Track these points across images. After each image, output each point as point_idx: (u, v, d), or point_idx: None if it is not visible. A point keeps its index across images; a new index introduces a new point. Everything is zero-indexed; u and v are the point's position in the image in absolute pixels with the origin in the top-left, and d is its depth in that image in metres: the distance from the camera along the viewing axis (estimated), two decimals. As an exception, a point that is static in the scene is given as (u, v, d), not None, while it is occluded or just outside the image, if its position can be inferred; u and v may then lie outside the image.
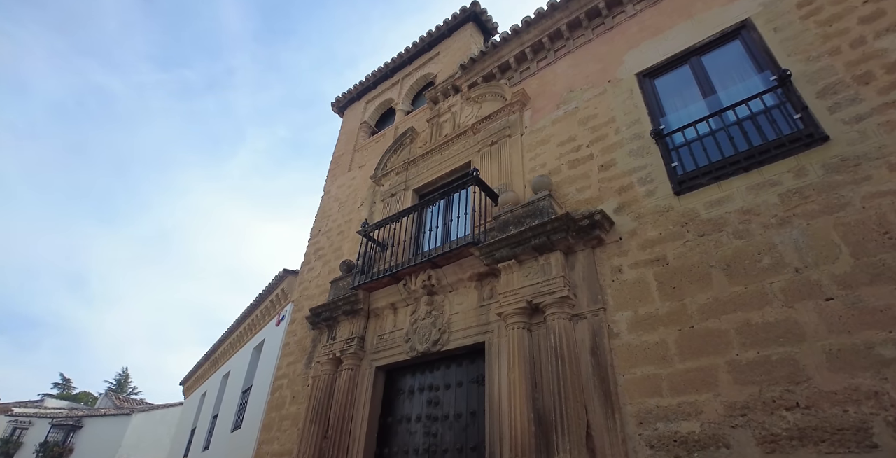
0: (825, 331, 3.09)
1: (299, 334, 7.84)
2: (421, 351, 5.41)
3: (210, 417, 12.55)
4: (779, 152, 3.90)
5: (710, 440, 3.18)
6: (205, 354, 15.59)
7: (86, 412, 25.58)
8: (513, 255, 4.70)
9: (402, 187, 7.58)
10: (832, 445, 2.79)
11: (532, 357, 4.28)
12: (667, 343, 3.66)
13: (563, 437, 3.59)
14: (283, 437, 6.79)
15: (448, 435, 4.87)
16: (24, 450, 22.62)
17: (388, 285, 6.14)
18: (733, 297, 3.53)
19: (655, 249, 4.14)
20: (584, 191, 5.01)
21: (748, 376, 3.22)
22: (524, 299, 4.45)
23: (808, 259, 3.36)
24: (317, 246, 8.91)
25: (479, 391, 4.81)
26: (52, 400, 30.69)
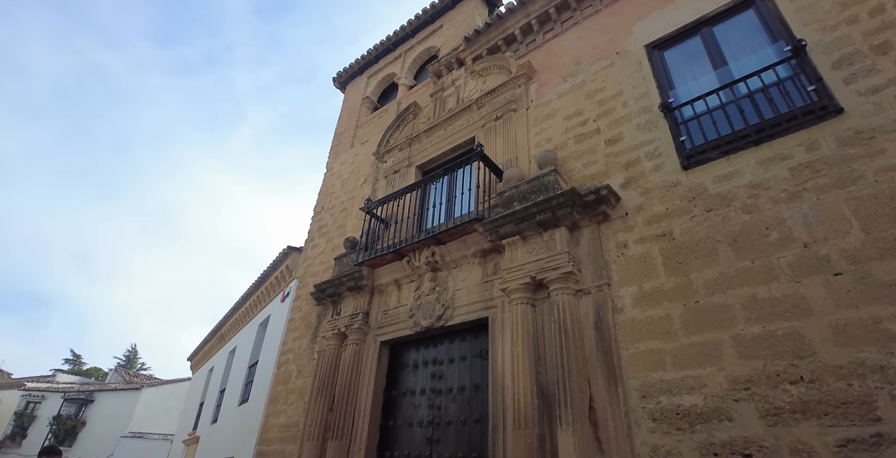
0: (832, 306, 3.07)
1: (304, 309, 7.91)
2: (425, 326, 5.44)
3: (217, 391, 12.79)
4: (791, 125, 3.81)
5: (713, 414, 3.20)
6: (211, 330, 15.79)
7: (97, 387, 26.13)
8: (517, 231, 4.67)
9: (405, 164, 7.51)
10: (835, 418, 2.80)
11: (535, 332, 4.30)
12: (671, 318, 3.65)
13: (566, 409, 3.63)
14: (289, 410, 6.92)
15: (452, 407, 4.94)
16: (39, 423, 23.19)
17: (392, 262, 6.15)
18: (740, 272, 3.51)
19: (662, 224, 4.09)
20: (591, 166, 4.94)
21: (753, 351, 3.22)
22: (528, 275, 4.44)
23: (818, 234, 3.32)
24: (320, 223, 8.90)
25: (482, 365, 4.86)
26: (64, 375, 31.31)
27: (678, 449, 3.23)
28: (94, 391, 24.51)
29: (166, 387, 24.55)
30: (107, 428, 21.93)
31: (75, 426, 22.61)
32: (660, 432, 3.36)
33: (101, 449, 21.31)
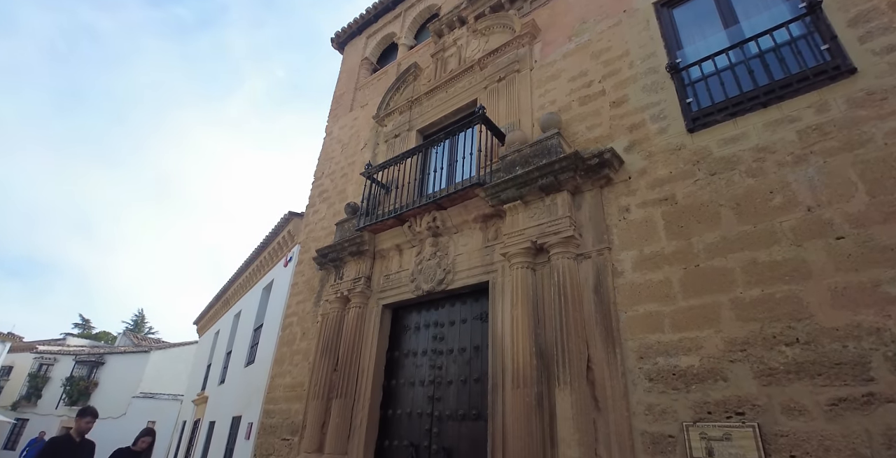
0: (832, 269, 3.07)
1: (307, 274, 7.98)
2: (426, 290, 5.50)
3: (224, 353, 13.11)
4: (801, 86, 3.71)
5: (709, 374, 3.27)
6: (216, 294, 16.02)
7: (106, 350, 26.82)
8: (519, 196, 4.64)
9: (405, 128, 7.39)
10: (828, 378, 2.86)
11: (535, 295, 4.34)
12: (671, 281, 3.68)
13: (564, 369, 3.71)
14: (294, 370, 7.10)
15: (453, 368, 5.06)
16: (52, 384, 23.91)
17: (393, 227, 6.15)
18: (741, 236, 3.50)
19: (665, 188, 4.06)
20: (595, 129, 4.85)
21: (750, 313, 3.25)
22: (529, 240, 4.44)
23: (822, 198, 3.29)
24: (321, 189, 8.86)
25: (482, 328, 4.94)
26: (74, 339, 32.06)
27: (673, 408, 3.32)
28: (104, 353, 25.15)
29: (174, 350, 25.17)
30: (118, 389, 22.64)
31: (88, 386, 23.32)
32: (656, 391, 3.44)
33: (113, 408, 22.06)
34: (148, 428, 5.76)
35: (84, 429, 4.75)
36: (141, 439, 5.60)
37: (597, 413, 3.60)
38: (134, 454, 5.40)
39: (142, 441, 5.52)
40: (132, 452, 5.41)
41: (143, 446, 5.43)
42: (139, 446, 5.49)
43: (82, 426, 4.76)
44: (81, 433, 4.76)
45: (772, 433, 2.91)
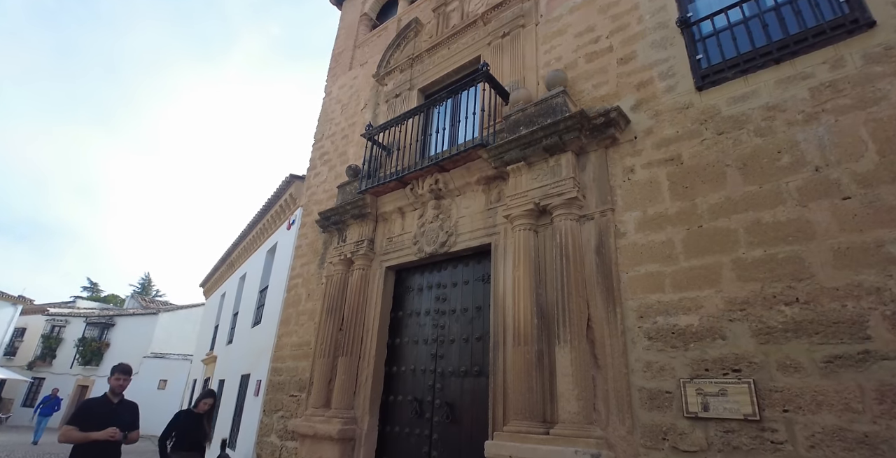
0: (836, 230, 3.06)
1: (310, 237, 8.02)
2: (429, 252, 5.53)
3: (231, 314, 13.38)
4: (817, 41, 3.57)
5: (707, 333, 3.32)
6: (221, 257, 16.19)
7: (116, 312, 27.40)
8: (522, 157, 4.57)
9: (406, 87, 7.22)
10: (825, 336, 2.90)
11: (537, 257, 4.36)
12: (673, 242, 3.68)
13: (564, 328, 3.78)
14: (300, 330, 7.25)
15: (455, 327, 5.16)
16: (65, 345, 24.60)
17: (395, 190, 6.12)
18: (746, 196, 3.47)
19: (671, 148, 3.99)
20: (601, 87, 4.73)
21: (752, 274, 3.26)
22: (532, 202, 4.42)
23: (831, 157, 3.23)
24: (321, 151, 8.76)
25: (484, 289, 5.00)
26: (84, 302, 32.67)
27: (671, 365, 3.40)
28: (113, 315, 25.71)
29: (181, 312, 25.71)
30: (129, 349, 23.27)
31: (100, 347, 23.98)
32: (654, 349, 3.51)
33: (126, 367, 22.74)
34: (209, 390, 5.52)
35: (117, 387, 4.29)
36: (202, 401, 5.37)
37: (596, 370, 3.69)
38: (196, 416, 5.19)
39: (203, 403, 5.29)
40: (193, 414, 5.23)
41: (205, 408, 5.23)
42: (200, 408, 5.29)
43: (114, 384, 4.30)
44: (116, 393, 4.30)
45: (766, 389, 2.99)
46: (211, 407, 5.21)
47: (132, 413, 4.36)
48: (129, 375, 4.38)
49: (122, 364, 4.40)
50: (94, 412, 4.07)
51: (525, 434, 3.66)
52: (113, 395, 4.27)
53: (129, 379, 4.34)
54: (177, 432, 4.99)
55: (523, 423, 3.75)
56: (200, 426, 5.06)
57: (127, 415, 4.26)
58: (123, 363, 4.44)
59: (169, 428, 5.12)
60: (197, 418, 5.14)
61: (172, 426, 5.09)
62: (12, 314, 22.37)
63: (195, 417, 5.14)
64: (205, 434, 5.08)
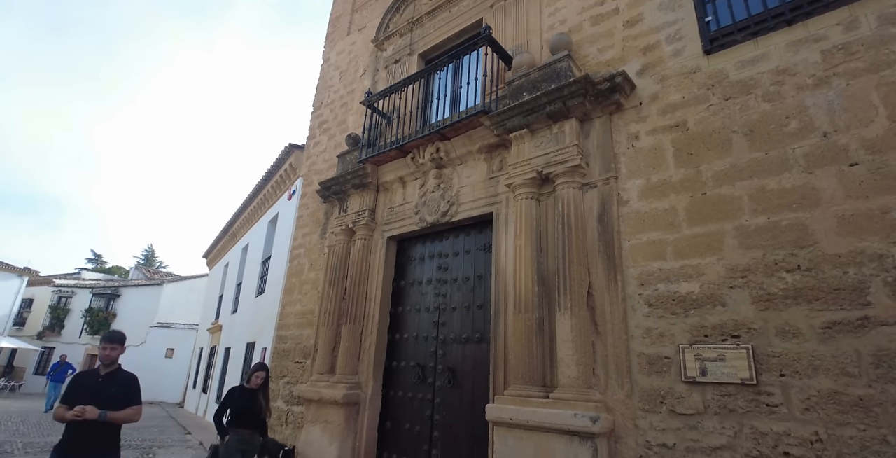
0: (842, 197, 3.03)
1: (311, 207, 8.00)
2: (430, 222, 5.52)
3: (235, 284, 13.52)
4: (831, 1, 3.44)
5: (707, 299, 3.34)
6: (223, 228, 16.23)
7: (121, 283, 27.71)
8: (525, 124, 4.50)
9: (406, 52, 7.04)
10: (825, 303, 2.92)
11: (539, 226, 4.35)
12: (676, 210, 3.66)
13: (565, 295, 3.80)
14: (304, 299, 7.34)
15: (457, 295, 5.21)
16: (73, 315, 25.01)
17: (396, 159, 6.06)
18: (752, 163, 3.42)
19: (676, 114, 3.91)
20: (606, 51, 4.60)
21: (754, 241, 3.26)
22: (534, 170, 4.37)
23: (840, 123, 3.17)
24: (320, 119, 8.63)
25: (485, 258, 5.01)
26: (89, 273, 33.04)
27: (670, 331, 3.44)
28: (119, 286, 26.02)
29: (186, 282, 25.99)
30: (136, 319, 23.67)
31: (107, 317, 24.38)
32: (654, 316, 3.54)
33: (134, 337, 23.18)
34: (259, 363, 5.00)
35: (104, 357, 3.58)
36: (254, 375, 4.91)
37: (595, 336, 3.74)
38: (249, 391, 4.79)
39: (255, 377, 4.86)
40: (246, 390, 4.81)
41: (258, 382, 4.81)
42: (253, 383, 4.84)
43: (101, 355, 3.63)
44: (106, 363, 3.58)
45: (764, 355, 3.03)
46: (265, 381, 4.85)
47: (122, 387, 3.52)
48: (117, 343, 3.61)
49: (110, 332, 3.71)
50: (81, 387, 3.48)
51: (525, 398, 3.74)
52: (103, 366, 3.58)
53: (117, 348, 3.59)
54: (231, 409, 4.74)
55: (523, 387, 3.83)
56: (255, 401, 4.74)
57: (113, 389, 3.46)
58: (113, 331, 3.77)
59: (223, 405, 4.85)
60: (251, 393, 4.79)
61: (226, 403, 4.83)
62: (19, 286, 22.65)
63: (248, 393, 4.78)
64: (260, 409, 4.77)
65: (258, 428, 4.77)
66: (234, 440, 4.38)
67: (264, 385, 4.85)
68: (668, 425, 3.27)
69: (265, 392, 4.84)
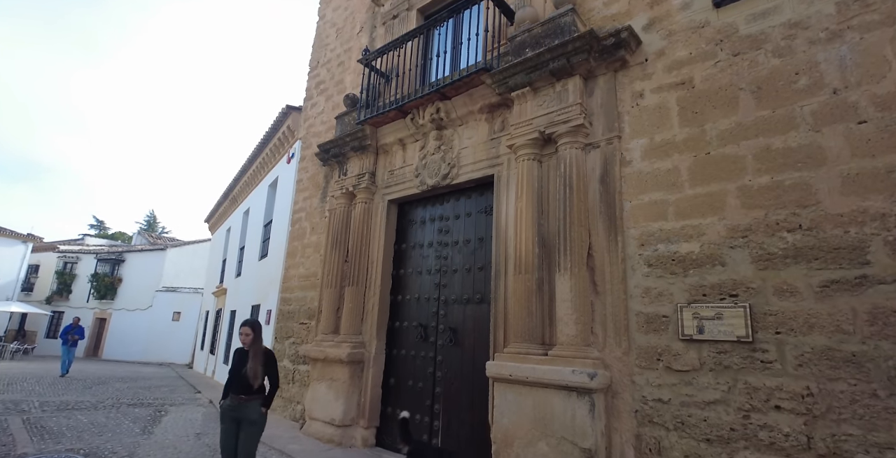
0: (848, 155, 2.99)
1: (311, 170, 7.94)
2: (431, 185, 5.49)
3: (237, 249, 13.61)
4: (850, -52, 3.27)
5: (707, 259, 3.36)
6: (223, 193, 16.18)
7: (125, 248, 27.91)
8: (528, 82, 4.38)
9: (404, 7, 6.78)
10: (824, 262, 2.93)
11: (540, 187, 4.32)
12: (679, 170, 3.62)
13: (565, 256, 3.83)
14: (307, 262, 7.40)
15: (458, 258, 5.25)
16: (80, 280, 25.32)
17: (395, 120, 5.95)
18: (758, 121, 3.35)
19: (683, 70, 3.81)
20: (612, 5, 4.42)
21: (757, 201, 3.24)
22: (536, 130, 4.30)
23: (851, 79, 3.08)
24: (317, 80, 8.43)
25: (486, 220, 5.01)
26: (92, 239, 33.17)
27: (669, 291, 3.47)
28: (122, 251, 26.22)
29: (188, 247, 26.16)
30: (141, 284, 24.01)
31: (113, 282, 24.70)
32: (654, 276, 3.57)
33: (141, 301, 23.64)
34: (246, 320, 4.21)
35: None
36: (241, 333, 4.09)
37: (595, 296, 3.79)
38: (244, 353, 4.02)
39: (241, 334, 4.05)
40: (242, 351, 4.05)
41: (247, 340, 3.98)
42: (242, 341, 4.04)
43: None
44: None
45: (761, 313, 3.07)
46: (254, 339, 3.98)
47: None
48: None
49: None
50: None
51: (524, 355, 3.83)
52: None
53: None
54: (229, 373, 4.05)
55: (522, 345, 3.91)
56: (244, 363, 3.93)
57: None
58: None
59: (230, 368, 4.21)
60: (244, 355, 4.02)
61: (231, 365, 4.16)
62: (24, 252, 22.84)
63: (243, 354, 4.03)
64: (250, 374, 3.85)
65: (253, 395, 3.86)
66: (225, 406, 3.87)
67: (254, 344, 3.97)
68: (663, 381, 3.36)
69: (258, 353, 3.93)
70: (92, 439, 5.50)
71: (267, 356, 3.98)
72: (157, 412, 7.62)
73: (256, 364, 3.86)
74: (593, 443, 3.34)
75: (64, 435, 5.60)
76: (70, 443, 5.24)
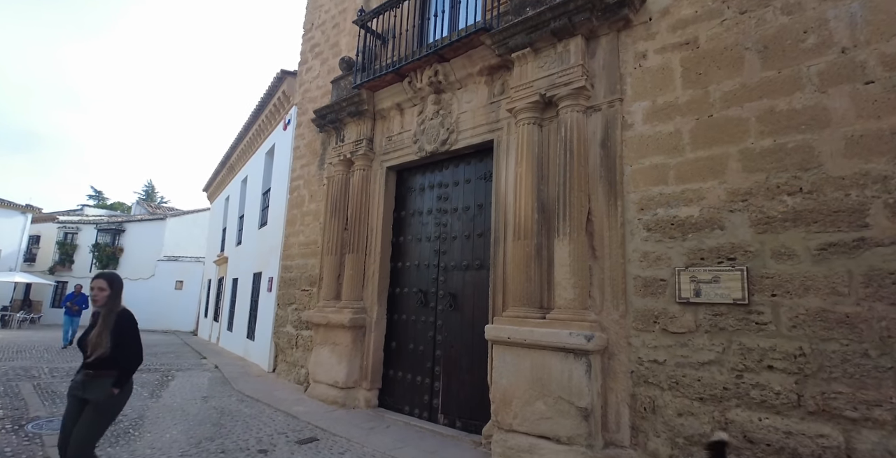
0: (853, 117, 2.94)
1: (308, 137, 7.84)
2: (429, 151, 5.43)
3: (237, 217, 13.60)
4: None
5: (706, 223, 3.36)
6: (220, 161, 16.04)
7: (124, 218, 27.89)
8: (528, 42, 4.26)
9: (401, -35, 6.52)
10: (823, 225, 2.93)
11: (540, 152, 4.28)
12: (681, 133, 3.57)
13: (564, 222, 3.82)
14: (306, 230, 7.42)
15: (457, 224, 5.25)
16: (81, 251, 25.42)
17: (393, 83, 5.82)
18: (763, 82, 3.28)
19: (687, 30, 3.69)
20: (616, -40, 4.24)
21: (758, 164, 3.21)
22: (537, 93, 4.21)
23: (861, 37, 2.99)
24: (312, 43, 8.20)
25: (486, 187, 4.98)
26: (91, 209, 33.08)
27: (667, 254, 3.49)
28: (122, 221, 26.21)
29: (188, 216, 26.15)
30: (143, 254, 24.13)
31: (115, 252, 24.81)
32: (653, 240, 3.58)
33: (143, 271, 23.82)
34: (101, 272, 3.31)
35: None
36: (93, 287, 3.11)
37: (593, 261, 3.81)
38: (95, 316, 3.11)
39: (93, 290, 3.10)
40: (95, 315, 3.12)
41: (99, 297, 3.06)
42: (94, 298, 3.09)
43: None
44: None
45: (758, 276, 3.09)
46: (109, 297, 3.05)
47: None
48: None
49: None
50: None
51: (523, 319, 3.89)
52: None
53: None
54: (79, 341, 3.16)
55: (521, 309, 3.97)
56: (91, 329, 3.06)
57: None
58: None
59: None
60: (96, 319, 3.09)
61: None
62: (24, 223, 22.83)
63: (94, 318, 3.11)
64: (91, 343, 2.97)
65: (103, 370, 2.95)
66: (72, 382, 3.04)
67: (108, 304, 3.04)
68: (659, 342, 3.42)
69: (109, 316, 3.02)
70: (102, 402, 5.64)
71: (121, 321, 3.02)
72: (164, 376, 7.81)
73: (103, 331, 2.95)
74: (589, 402, 3.44)
75: (75, 399, 5.75)
76: (81, 406, 5.38)
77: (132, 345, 3.07)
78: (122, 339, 3.01)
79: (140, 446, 4.07)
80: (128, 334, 3.05)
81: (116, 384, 2.97)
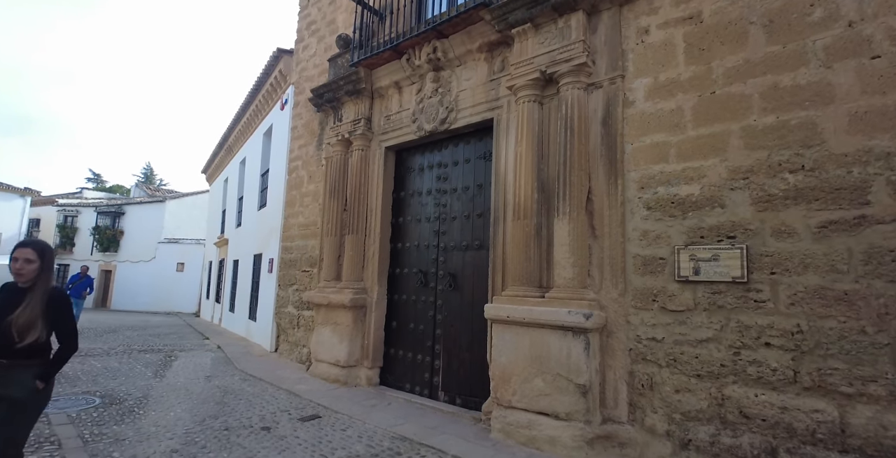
0: (857, 92, 2.89)
1: (305, 117, 7.76)
2: (429, 130, 5.37)
3: (236, 199, 13.57)
4: None
5: (707, 201, 3.34)
6: (218, 142, 15.92)
7: (124, 201, 27.82)
8: (529, 17, 4.17)
9: (398, -62, 6.34)
10: (824, 203, 2.91)
11: (541, 131, 4.23)
12: (683, 110, 3.52)
13: (564, 201, 3.81)
14: (306, 211, 7.40)
15: (457, 205, 5.23)
16: (82, 234, 25.44)
17: (391, 61, 5.73)
18: (767, 58, 3.22)
19: (691, 4, 3.61)
20: (620, -69, 4.12)
21: (760, 142, 3.17)
22: (538, 70, 4.14)
23: (868, 10, 2.92)
24: (308, 20, 8.04)
25: (485, 166, 4.95)
26: (90, 192, 33.00)
27: (667, 233, 3.48)
28: (122, 204, 26.16)
29: (188, 199, 26.08)
30: (143, 236, 24.15)
31: (115, 234, 24.83)
32: (652, 219, 3.57)
33: (144, 253, 23.88)
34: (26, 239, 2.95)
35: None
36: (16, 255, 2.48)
37: (592, 240, 3.81)
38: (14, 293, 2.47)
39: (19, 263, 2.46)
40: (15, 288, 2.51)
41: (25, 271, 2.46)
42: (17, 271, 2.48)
43: None
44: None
45: (757, 254, 3.09)
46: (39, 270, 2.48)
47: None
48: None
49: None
50: None
51: (522, 298, 3.91)
52: None
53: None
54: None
55: (520, 288, 3.98)
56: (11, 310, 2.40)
57: None
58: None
59: None
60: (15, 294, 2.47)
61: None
62: (23, 206, 22.77)
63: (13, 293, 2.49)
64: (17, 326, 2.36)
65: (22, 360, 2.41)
66: None
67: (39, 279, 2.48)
68: (658, 320, 3.44)
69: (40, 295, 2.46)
70: (107, 382, 5.73)
71: (55, 302, 2.50)
72: (168, 357, 7.90)
73: (34, 311, 2.40)
74: (587, 379, 3.48)
75: (79, 379, 5.83)
76: (86, 386, 5.46)
77: (70, 332, 2.57)
78: (58, 324, 2.52)
79: (145, 424, 4.14)
80: (65, 318, 2.56)
81: (43, 376, 2.44)
